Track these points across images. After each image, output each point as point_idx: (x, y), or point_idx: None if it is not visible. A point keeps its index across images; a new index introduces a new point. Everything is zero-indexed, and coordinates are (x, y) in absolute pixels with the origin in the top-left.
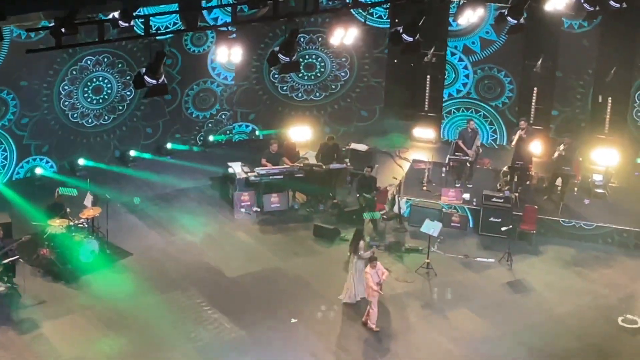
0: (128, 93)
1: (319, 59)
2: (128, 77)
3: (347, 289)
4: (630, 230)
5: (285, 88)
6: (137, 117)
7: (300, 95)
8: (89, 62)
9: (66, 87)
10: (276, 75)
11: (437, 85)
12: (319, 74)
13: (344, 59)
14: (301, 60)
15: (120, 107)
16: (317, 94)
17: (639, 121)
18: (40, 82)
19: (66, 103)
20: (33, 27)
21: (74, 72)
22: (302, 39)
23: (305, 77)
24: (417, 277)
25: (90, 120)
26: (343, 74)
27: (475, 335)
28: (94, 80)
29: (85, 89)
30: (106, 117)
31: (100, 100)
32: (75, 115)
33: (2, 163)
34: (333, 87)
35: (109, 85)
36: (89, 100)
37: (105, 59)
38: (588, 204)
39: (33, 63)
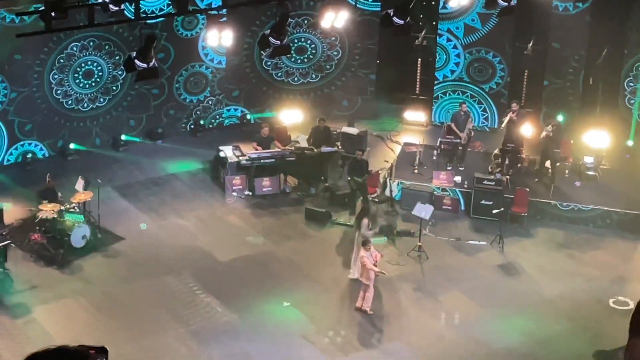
0: (120, 72)
1: (309, 42)
2: (117, 57)
3: (352, 265)
4: (622, 212)
5: (280, 74)
6: (122, 107)
7: (296, 79)
8: (74, 48)
9: (56, 76)
10: (269, 63)
11: (428, 68)
12: (311, 56)
13: (333, 38)
14: (291, 44)
15: (114, 88)
16: (314, 76)
17: (632, 105)
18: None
19: (59, 91)
20: (23, 11)
21: (62, 60)
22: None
23: (299, 61)
24: (408, 260)
25: (85, 105)
26: (335, 53)
27: (466, 318)
28: (83, 65)
29: (76, 75)
30: (102, 100)
31: (93, 84)
32: (70, 101)
33: None
34: (328, 67)
35: (99, 68)
36: (81, 85)
37: (91, 43)
38: (579, 186)
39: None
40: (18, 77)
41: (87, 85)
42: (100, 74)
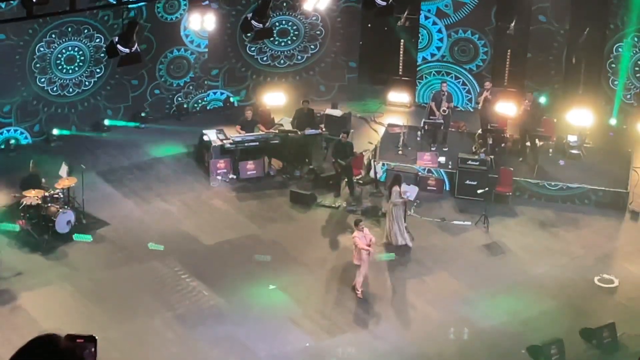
0: (102, 55)
1: (290, 23)
2: (98, 40)
3: (386, 232)
4: (606, 190)
5: (265, 58)
6: (100, 96)
7: (282, 61)
8: (53, 35)
9: (37, 65)
10: (252, 48)
11: (411, 49)
12: (294, 38)
13: (314, 18)
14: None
15: (98, 70)
16: (300, 57)
17: (615, 86)
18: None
19: (42, 80)
20: None
21: (42, 49)
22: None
23: (282, 44)
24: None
25: (71, 90)
26: (318, 32)
27: (453, 298)
28: (64, 51)
29: (58, 62)
30: (87, 83)
31: (76, 69)
32: (55, 88)
33: None
34: (312, 47)
35: (81, 52)
36: (64, 71)
37: (69, 29)
38: (563, 165)
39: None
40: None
41: (70, 71)
42: (82, 58)
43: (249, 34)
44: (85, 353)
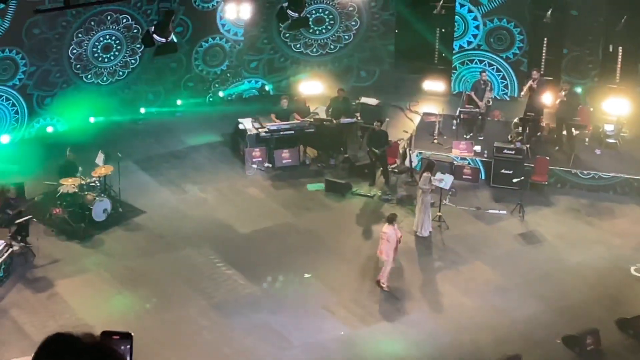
0: (138, 46)
1: (327, 12)
2: (135, 31)
3: (415, 222)
4: None
5: (298, 46)
6: (140, 81)
7: (315, 50)
8: (92, 22)
9: (75, 51)
10: (287, 35)
11: (447, 37)
12: (329, 27)
13: (351, 9)
14: (309, 15)
15: (133, 61)
16: (333, 47)
17: None
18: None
19: (77, 66)
20: None
21: (80, 35)
22: None
23: (317, 32)
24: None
25: (105, 78)
26: (353, 23)
27: (488, 287)
28: (101, 39)
29: (94, 49)
30: (120, 73)
31: (112, 57)
32: (90, 75)
33: (14, 122)
34: (346, 37)
35: (118, 42)
36: (100, 59)
37: (109, 17)
38: (599, 154)
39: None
40: (36, 51)
41: (105, 59)
42: (119, 47)
43: (284, 23)
44: (121, 349)
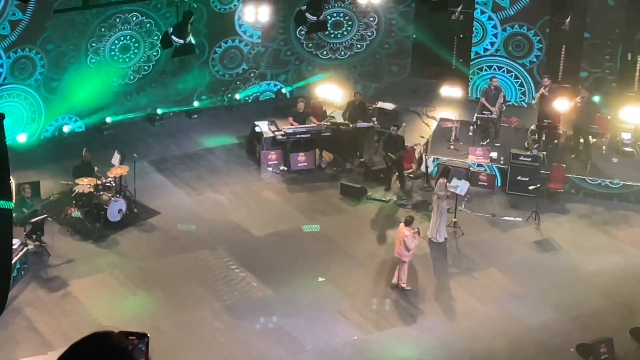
0: (154, 53)
1: (346, 17)
2: (155, 38)
3: (430, 227)
4: None
5: (310, 45)
6: (164, 75)
7: (325, 53)
8: (117, 19)
9: (93, 44)
10: (310, 44)
11: (465, 43)
12: (345, 32)
13: (371, 19)
14: (328, 18)
15: (146, 68)
16: (343, 53)
17: None
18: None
19: (93, 60)
20: None
21: (102, 29)
22: None
23: (332, 36)
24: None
25: (115, 80)
26: (369, 33)
27: (502, 294)
28: (121, 38)
29: (113, 47)
30: (131, 77)
31: (127, 59)
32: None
33: (31, 121)
34: (359, 46)
35: (137, 45)
36: (115, 58)
37: (134, 18)
38: (616, 163)
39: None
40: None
41: (120, 60)
42: (136, 50)
43: (302, 26)
44: (137, 350)
